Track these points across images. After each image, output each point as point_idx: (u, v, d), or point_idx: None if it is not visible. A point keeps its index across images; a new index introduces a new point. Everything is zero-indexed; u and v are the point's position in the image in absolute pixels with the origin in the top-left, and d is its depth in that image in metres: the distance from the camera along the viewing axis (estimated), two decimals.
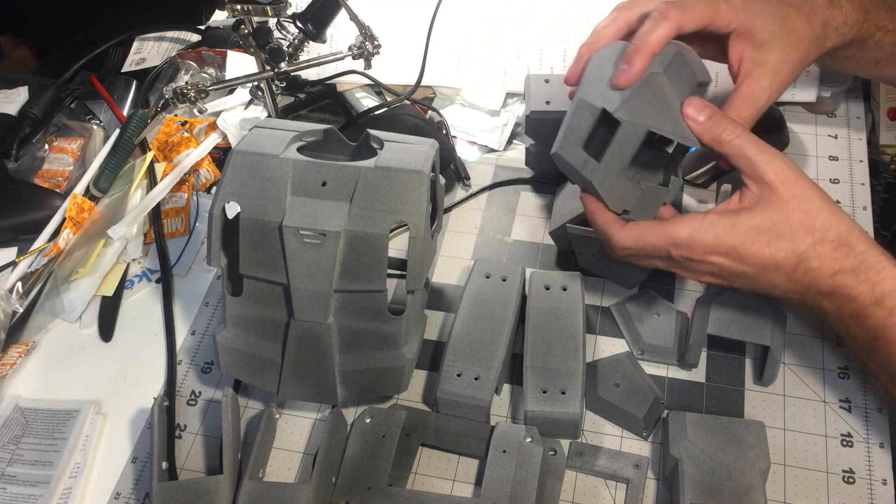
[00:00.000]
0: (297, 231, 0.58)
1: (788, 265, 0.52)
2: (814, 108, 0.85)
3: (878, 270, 0.51)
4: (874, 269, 0.51)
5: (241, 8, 0.73)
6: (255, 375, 0.63)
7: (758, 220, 0.52)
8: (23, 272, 0.80)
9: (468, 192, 0.82)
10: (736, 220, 0.52)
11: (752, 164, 0.53)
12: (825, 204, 0.52)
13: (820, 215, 0.52)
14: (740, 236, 0.52)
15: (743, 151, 0.53)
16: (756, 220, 0.52)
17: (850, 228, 0.52)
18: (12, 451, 0.67)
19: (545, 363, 0.63)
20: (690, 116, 0.54)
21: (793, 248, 0.52)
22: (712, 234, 0.53)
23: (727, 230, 0.52)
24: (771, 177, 0.52)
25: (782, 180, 0.52)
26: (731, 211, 0.53)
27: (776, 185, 0.52)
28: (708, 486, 0.55)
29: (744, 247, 0.52)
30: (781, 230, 0.52)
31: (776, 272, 0.53)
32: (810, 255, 0.52)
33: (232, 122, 0.88)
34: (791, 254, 0.52)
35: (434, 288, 0.75)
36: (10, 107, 0.95)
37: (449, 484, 0.62)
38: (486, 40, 0.89)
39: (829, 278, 0.52)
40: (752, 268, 0.53)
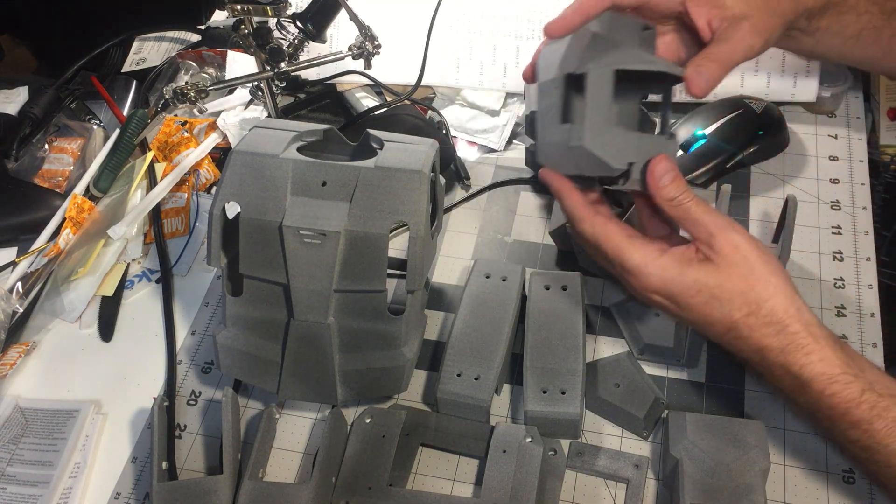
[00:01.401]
0: (297, 231, 0.58)
1: (721, 328, 0.52)
2: (814, 108, 0.85)
3: (806, 353, 0.50)
4: (802, 350, 0.50)
5: (241, 8, 0.73)
6: (255, 375, 0.63)
7: (702, 276, 0.52)
8: (23, 272, 0.80)
9: (468, 192, 0.82)
10: (684, 271, 0.52)
11: (699, 227, 0.52)
12: (766, 276, 0.51)
13: (758, 287, 0.51)
14: (683, 286, 0.52)
15: (692, 216, 0.53)
16: (701, 275, 0.52)
17: (787, 307, 0.51)
18: (12, 451, 0.67)
19: (545, 363, 0.63)
20: (653, 174, 0.53)
21: (728, 313, 0.51)
22: (660, 276, 0.52)
23: (674, 278, 0.52)
24: (720, 241, 0.52)
25: (730, 245, 0.52)
26: (684, 259, 0.53)
27: (724, 248, 0.51)
28: (708, 486, 0.55)
29: (684, 298, 0.52)
30: (721, 294, 0.51)
31: (709, 329, 0.53)
32: (741, 325, 0.51)
33: (232, 122, 0.88)
34: (725, 318, 0.52)
35: (434, 288, 0.75)
36: (10, 107, 0.95)
37: (449, 484, 0.62)
38: (486, 40, 0.89)
39: (756, 352, 0.52)
40: (690, 317, 0.53)
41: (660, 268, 0.52)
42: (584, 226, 0.55)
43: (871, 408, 0.49)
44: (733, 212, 0.77)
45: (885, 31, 0.66)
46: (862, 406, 0.49)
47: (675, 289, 0.52)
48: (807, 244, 0.74)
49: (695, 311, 0.52)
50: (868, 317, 0.68)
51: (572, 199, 0.56)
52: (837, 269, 0.72)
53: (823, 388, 0.50)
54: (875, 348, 0.66)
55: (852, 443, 0.51)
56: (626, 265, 0.53)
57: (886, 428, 0.49)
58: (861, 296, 0.70)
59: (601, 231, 0.54)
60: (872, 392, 0.50)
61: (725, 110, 0.79)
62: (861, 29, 0.66)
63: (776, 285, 0.51)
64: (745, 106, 0.79)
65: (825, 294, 0.70)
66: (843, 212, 0.76)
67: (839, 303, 0.69)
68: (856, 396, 0.50)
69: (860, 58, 0.69)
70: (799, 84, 0.83)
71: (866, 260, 0.72)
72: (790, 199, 0.69)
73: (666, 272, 0.52)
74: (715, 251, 0.52)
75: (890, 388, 0.50)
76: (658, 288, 0.53)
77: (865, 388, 0.50)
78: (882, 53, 0.68)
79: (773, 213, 0.77)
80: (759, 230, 0.76)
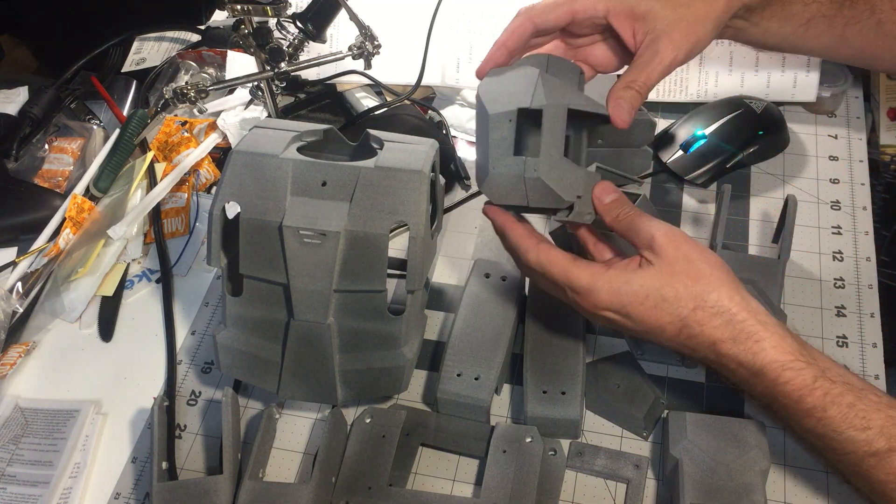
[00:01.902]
0: (297, 231, 0.58)
1: (672, 329, 0.53)
2: (814, 108, 0.85)
3: (756, 340, 0.51)
4: (753, 338, 0.51)
5: (241, 8, 0.73)
6: (255, 375, 0.63)
7: (647, 282, 0.53)
8: (23, 272, 0.80)
9: (468, 192, 0.82)
10: (630, 279, 0.53)
11: (641, 234, 0.54)
12: (707, 270, 0.52)
13: (702, 281, 0.52)
14: (630, 296, 0.53)
15: (634, 225, 0.55)
16: (646, 281, 0.53)
17: (731, 296, 0.52)
18: (12, 451, 0.67)
19: (545, 363, 0.63)
20: (598, 196, 0.56)
21: (676, 312, 0.52)
22: (608, 289, 0.53)
23: (620, 287, 0.53)
24: (660, 242, 0.53)
25: (670, 246, 0.53)
26: (629, 269, 0.54)
27: (664, 249, 0.53)
28: (708, 486, 0.55)
29: (633, 307, 0.53)
30: (667, 293, 0.52)
31: (662, 334, 0.53)
32: (691, 321, 0.52)
33: (232, 122, 0.88)
34: (675, 318, 0.52)
35: (434, 288, 0.75)
36: (10, 107, 0.95)
37: (449, 484, 0.62)
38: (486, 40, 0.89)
39: (711, 345, 0.52)
40: (641, 327, 0.54)
41: (607, 281, 0.53)
42: (530, 256, 0.56)
43: (825, 395, 0.50)
44: (733, 212, 0.77)
45: (837, 20, 0.67)
46: (815, 392, 0.50)
47: (623, 299, 0.53)
48: (807, 244, 0.74)
49: (645, 318, 0.53)
50: (868, 317, 0.68)
51: (515, 232, 0.57)
52: (837, 269, 0.72)
53: (777, 375, 0.50)
54: (875, 348, 0.66)
55: (808, 432, 0.51)
56: (575, 286, 0.54)
57: (841, 414, 0.49)
58: (861, 296, 0.70)
59: (545, 258, 0.56)
60: (825, 379, 0.50)
61: (725, 110, 0.79)
62: (810, 17, 0.66)
63: (718, 278, 0.52)
64: (745, 106, 0.79)
65: (825, 294, 0.70)
66: (843, 212, 0.76)
67: (839, 303, 0.69)
68: (809, 383, 0.50)
69: (814, 46, 0.69)
70: (799, 84, 0.83)
71: (866, 260, 0.72)
72: (790, 199, 0.69)
73: (612, 284, 0.53)
74: (657, 254, 0.53)
75: (842, 375, 0.51)
76: (608, 302, 0.53)
77: (818, 375, 0.50)
78: (837, 41, 0.68)
79: (773, 213, 0.77)
80: (759, 230, 0.76)
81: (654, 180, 0.81)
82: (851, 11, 0.66)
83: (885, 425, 0.49)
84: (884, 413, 0.49)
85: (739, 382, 0.53)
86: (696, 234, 0.77)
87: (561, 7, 0.60)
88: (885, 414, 0.49)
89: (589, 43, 0.64)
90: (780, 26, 0.66)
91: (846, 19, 0.67)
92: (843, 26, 0.67)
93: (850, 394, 0.50)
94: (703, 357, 0.53)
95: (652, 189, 0.80)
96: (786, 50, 0.70)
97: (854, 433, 0.49)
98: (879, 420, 0.49)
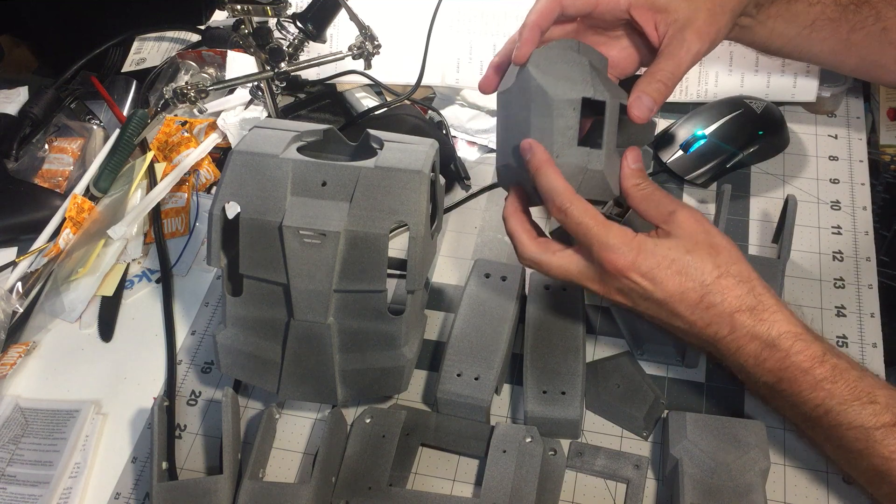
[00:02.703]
0: (297, 231, 0.58)
1: (694, 296, 0.53)
2: (814, 108, 0.85)
3: (773, 311, 0.53)
4: (769, 309, 0.53)
5: (241, 8, 0.73)
6: (255, 375, 0.63)
7: (672, 249, 0.54)
8: (23, 272, 0.80)
9: (468, 192, 0.82)
10: (657, 244, 0.54)
11: (661, 207, 0.55)
12: (727, 245, 0.55)
13: (723, 253, 0.54)
14: (658, 258, 0.54)
15: (654, 197, 0.56)
16: (671, 250, 0.54)
17: (751, 270, 0.54)
18: (12, 451, 0.67)
19: (545, 363, 0.63)
20: (626, 159, 0.57)
21: (700, 278, 0.53)
22: (638, 249, 0.54)
23: (650, 250, 0.54)
24: (680, 217, 0.55)
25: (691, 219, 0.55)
26: (653, 237, 0.55)
27: (685, 223, 0.54)
28: (708, 486, 0.55)
29: (659, 270, 0.54)
30: (690, 261, 0.53)
31: (681, 303, 0.54)
32: (714, 289, 0.53)
33: (232, 122, 0.88)
34: (698, 284, 0.53)
35: (434, 288, 0.75)
36: (10, 107, 0.95)
37: (449, 484, 0.62)
38: (486, 40, 0.89)
39: (729, 316, 0.53)
40: (662, 294, 0.54)
41: (637, 243, 0.54)
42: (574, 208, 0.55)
43: (834, 367, 0.52)
44: (733, 212, 0.77)
45: (842, 24, 0.67)
46: (826, 364, 0.52)
47: (651, 261, 0.53)
48: (807, 244, 0.74)
49: (668, 283, 0.53)
50: (868, 317, 0.68)
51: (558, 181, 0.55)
52: (837, 269, 0.72)
53: (791, 344, 0.52)
54: (875, 348, 0.66)
55: (814, 408, 0.52)
56: (608, 242, 0.54)
57: (848, 388, 0.51)
58: (861, 296, 0.70)
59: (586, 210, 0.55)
60: (832, 354, 0.52)
61: (725, 110, 0.79)
62: (814, 19, 0.67)
63: (737, 253, 0.55)
64: (745, 106, 0.79)
65: (825, 294, 0.70)
66: (843, 212, 0.76)
67: (839, 303, 0.69)
68: (819, 354, 0.52)
69: (819, 51, 0.69)
70: (799, 84, 0.83)
71: (866, 260, 0.72)
72: (790, 199, 0.69)
73: (643, 246, 0.54)
74: (677, 227, 0.54)
75: (846, 355, 0.53)
76: (634, 263, 0.54)
77: (827, 350, 0.52)
78: (842, 46, 0.68)
79: (773, 213, 0.77)
80: (759, 230, 0.76)
81: (655, 180, 0.80)
82: (856, 16, 0.67)
83: (891, 401, 0.51)
84: (887, 390, 0.51)
85: (746, 361, 0.54)
86: None
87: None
88: (889, 391, 0.51)
89: (603, 42, 0.63)
90: (785, 27, 0.67)
91: (851, 24, 0.67)
92: (847, 31, 0.67)
93: (855, 370, 0.52)
94: (714, 333, 0.54)
95: None
96: (792, 54, 0.70)
97: (861, 407, 0.51)
98: (884, 396, 0.51)
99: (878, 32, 0.67)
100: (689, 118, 0.81)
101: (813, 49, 0.69)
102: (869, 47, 0.68)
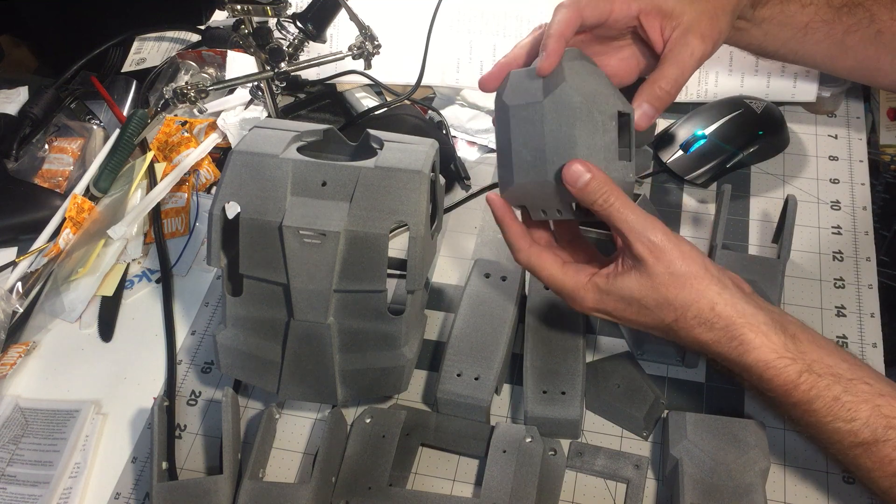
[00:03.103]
0: (297, 231, 0.58)
1: (659, 331, 0.55)
2: (814, 108, 0.85)
3: (740, 343, 0.52)
4: (736, 340, 0.52)
5: (241, 8, 0.73)
6: (255, 375, 0.63)
7: (629, 291, 0.54)
8: (23, 272, 0.80)
9: (468, 192, 0.82)
10: (611, 289, 0.55)
11: (625, 235, 0.54)
12: (688, 277, 0.53)
13: (682, 292, 0.53)
14: (615, 302, 0.55)
15: (617, 223, 0.53)
16: (626, 291, 0.54)
17: (713, 303, 0.52)
18: (12, 451, 0.67)
19: (545, 363, 0.63)
20: (570, 184, 0.53)
21: (660, 319, 0.54)
22: (593, 297, 0.56)
23: (604, 297, 0.55)
24: (640, 250, 0.53)
25: (652, 254, 0.53)
26: (611, 275, 0.55)
27: (645, 258, 0.53)
28: (708, 486, 0.55)
29: (619, 311, 0.55)
30: (648, 304, 0.54)
31: (654, 329, 0.56)
32: (675, 328, 0.54)
33: (232, 122, 0.88)
34: (659, 323, 0.54)
35: (434, 288, 0.75)
36: (10, 107, 0.95)
37: (449, 484, 0.62)
38: (486, 40, 0.89)
39: (697, 345, 0.54)
40: (630, 325, 0.57)
41: (592, 288, 0.56)
42: (521, 256, 0.58)
43: (810, 389, 0.51)
44: (733, 212, 0.77)
45: (836, 26, 0.67)
46: (800, 388, 0.51)
47: (608, 306, 0.56)
48: (807, 244, 0.74)
49: (632, 321, 0.56)
50: (868, 317, 0.68)
51: (513, 230, 0.58)
52: (837, 269, 0.72)
53: (761, 373, 0.52)
54: (875, 348, 0.66)
55: (797, 422, 0.53)
56: (564, 290, 0.57)
57: (826, 407, 0.51)
58: (861, 296, 0.70)
59: (536, 262, 0.58)
60: (811, 373, 0.51)
61: (725, 110, 0.79)
62: (808, 21, 0.67)
63: (700, 284, 0.53)
64: (745, 106, 0.79)
65: (825, 294, 0.70)
66: (843, 212, 0.76)
67: (839, 303, 0.69)
68: (793, 379, 0.51)
69: (815, 53, 0.69)
70: (799, 84, 0.83)
71: (866, 260, 0.72)
72: (790, 199, 0.69)
73: (598, 292, 0.56)
74: (637, 259, 0.53)
75: (831, 367, 0.52)
76: (595, 305, 0.56)
77: (803, 371, 0.51)
78: (837, 49, 0.68)
79: (773, 213, 0.77)
80: (759, 230, 0.76)
81: (655, 180, 0.81)
82: (850, 18, 0.67)
83: (871, 417, 0.50)
84: (871, 403, 0.50)
85: (731, 371, 0.55)
86: (696, 234, 0.77)
87: (603, 3, 0.59)
88: (873, 404, 0.50)
89: (603, 52, 0.63)
90: (779, 30, 0.67)
91: (845, 26, 0.67)
92: (842, 33, 0.67)
93: (838, 385, 0.51)
94: (693, 348, 0.55)
95: (652, 189, 0.80)
96: (787, 57, 0.71)
97: (840, 424, 0.50)
98: (865, 411, 0.50)
99: (872, 35, 0.67)
100: (689, 118, 0.81)
101: (808, 52, 0.69)
102: (864, 50, 0.68)
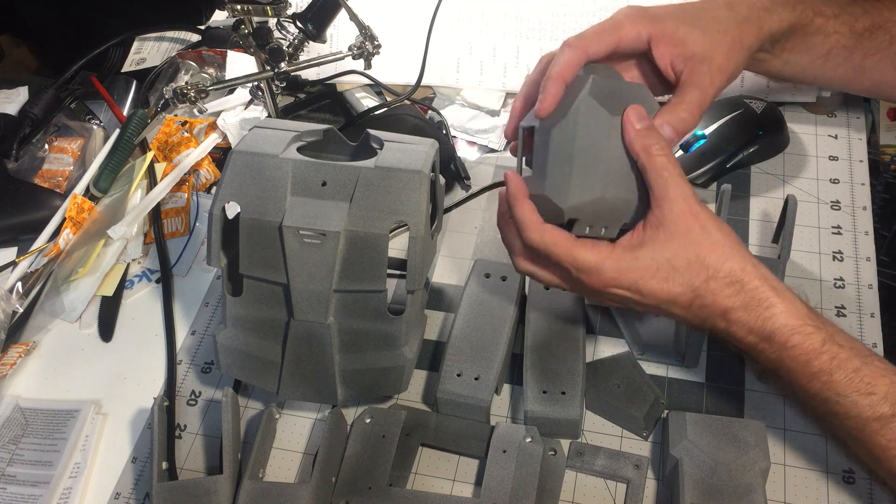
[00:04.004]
0: (297, 231, 0.58)
1: (685, 300, 0.53)
2: (814, 108, 0.85)
3: (768, 306, 0.52)
4: (764, 304, 0.52)
5: (241, 8, 0.73)
6: (255, 375, 0.63)
7: (656, 253, 0.53)
8: (23, 272, 0.80)
9: (468, 192, 0.82)
10: (637, 255, 0.53)
11: (664, 186, 0.53)
12: (721, 239, 0.53)
13: (714, 252, 0.52)
14: (640, 271, 0.53)
15: (662, 171, 0.53)
16: (655, 253, 0.53)
17: (744, 265, 0.52)
18: (12, 451, 0.67)
19: (545, 363, 0.63)
20: (630, 121, 0.54)
21: (689, 282, 0.52)
22: (616, 267, 0.53)
23: (629, 265, 0.53)
24: (680, 207, 0.52)
25: (683, 212, 0.52)
26: (633, 245, 0.54)
27: (676, 215, 0.52)
28: (708, 486, 0.55)
29: (644, 281, 0.53)
30: (678, 264, 0.52)
31: (674, 306, 0.54)
32: (703, 292, 0.52)
33: (232, 122, 0.88)
34: (687, 288, 0.53)
35: (434, 288, 0.75)
36: (10, 107, 0.95)
37: (449, 484, 0.62)
38: (486, 40, 0.89)
39: (721, 316, 0.53)
40: (653, 301, 0.54)
41: (615, 260, 0.53)
42: (533, 234, 0.55)
43: (832, 358, 0.51)
44: (733, 212, 0.77)
45: (856, 51, 0.67)
46: (822, 357, 0.51)
47: (633, 275, 0.53)
48: (807, 244, 0.74)
49: (656, 293, 0.53)
50: (868, 317, 0.68)
51: (525, 207, 0.56)
52: (837, 269, 0.72)
53: (786, 339, 0.51)
54: (875, 348, 0.66)
55: (813, 396, 0.52)
56: (581, 265, 0.54)
57: (846, 378, 0.51)
58: (861, 296, 0.70)
59: (550, 237, 0.54)
60: (833, 343, 0.51)
61: (725, 110, 0.79)
62: (830, 49, 0.67)
63: (731, 247, 0.53)
64: (745, 106, 0.79)
65: (825, 294, 0.70)
66: (843, 212, 0.76)
67: (839, 303, 0.69)
68: (817, 347, 0.51)
69: (832, 77, 0.70)
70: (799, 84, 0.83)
71: (866, 260, 0.72)
72: (790, 199, 0.69)
73: (621, 262, 0.53)
74: (670, 220, 0.52)
75: (850, 341, 0.52)
76: (616, 280, 0.53)
77: (826, 339, 0.51)
78: (855, 73, 0.69)
79: (773, 213, 0.77)
80: (759, 230, 0.76)
81: None
82: (871, 42, 0.67)
83: (890, 391, 0.50)
84: (888, 379, 0.50)
85: (745, 350, 0.54)
86: None
87: (609, 35, 0.58)
88: (890, 380, 0.50)
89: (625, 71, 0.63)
90: (799, 57, 0.67)
91: (865, 50, 0.67)
92: (861, 57, 0.67)
93: (857, 359, 0.51)
94: (712, 326, 0.54)
95: None
96: (804, 81, 0.71)
97: (858, 397, 0.50)
98: (884, 386, 0.50)
99: (891, 56, 0.67)
100: None
101: (826, 76, 0.69)
102: (882, 71, 0.68)
